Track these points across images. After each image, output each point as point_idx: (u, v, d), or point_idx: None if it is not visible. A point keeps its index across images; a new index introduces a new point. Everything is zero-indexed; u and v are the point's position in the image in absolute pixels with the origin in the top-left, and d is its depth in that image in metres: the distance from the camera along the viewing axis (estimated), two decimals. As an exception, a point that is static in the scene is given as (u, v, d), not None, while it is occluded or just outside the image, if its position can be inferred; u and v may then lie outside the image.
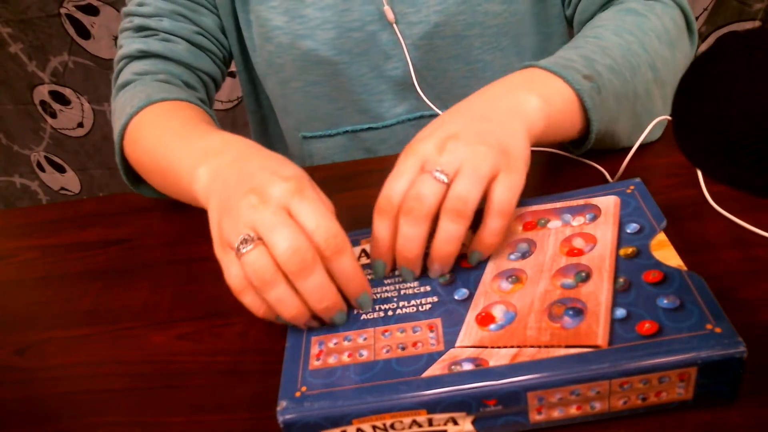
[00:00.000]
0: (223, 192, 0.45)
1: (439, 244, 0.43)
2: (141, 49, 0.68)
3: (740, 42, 0.28)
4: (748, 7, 1.21)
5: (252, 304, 0.42)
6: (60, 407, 0.47)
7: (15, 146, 1.59)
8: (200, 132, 0.55)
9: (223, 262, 0.43)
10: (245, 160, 0.47)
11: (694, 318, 0.37)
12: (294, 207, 0.41)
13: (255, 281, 0.40)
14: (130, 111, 0.62)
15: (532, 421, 0.37)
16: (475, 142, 0.45)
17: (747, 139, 0.27)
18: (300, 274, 0.40)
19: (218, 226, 0.44)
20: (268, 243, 0.40)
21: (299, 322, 0.42)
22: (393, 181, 0.45)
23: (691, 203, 0.52)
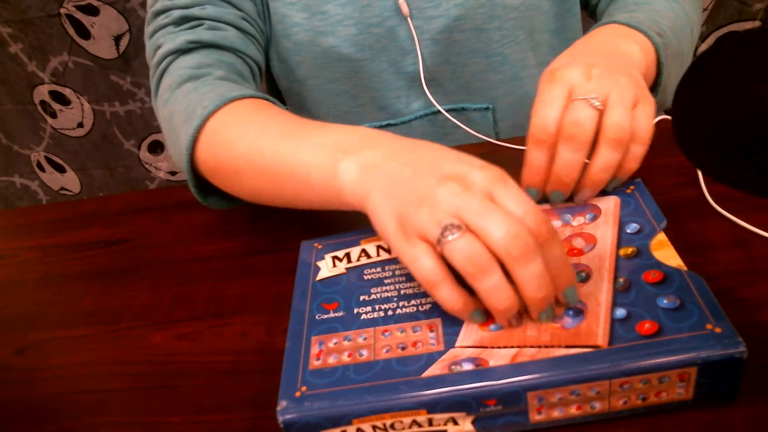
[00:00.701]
0: (396, 184, 0.42)
1: (597, 171, 0.46)
2: (190, 40, 0.62)
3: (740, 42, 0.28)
4: (748, 7, 1.21)
5: (448, 297, 0.39)
6: (60, 407, 0.47)
7: (15, 146, 1.59)
8: (316, 127, 0.50)
9: (409, 256, 0.40)
10: (409, 151, 0.44)
11: (694, 318, 0.37)
12: (498, 194, 0.39)
13: (469, 268, 0.37)
14: (203, 112, 0.55)
15: (532, 421, 0.37)
16: (616, 73, 0.47)
17: (747, 139, 0.27)
18: (521, 260, 0.37)
19: (398, 218, 0.40)
20: (480, 229, 0.37)
21: (505, 317, 0.39)
22: (544, 109, 0.46)
23: (691, 203, 0.52)
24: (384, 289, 0.45)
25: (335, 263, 0.48)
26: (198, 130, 0.55)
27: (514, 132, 0.77)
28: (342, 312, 0.43)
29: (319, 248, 0.50)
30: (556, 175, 0.47)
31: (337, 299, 0.45)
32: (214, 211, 0.64)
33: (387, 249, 0.48)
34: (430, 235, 0.39)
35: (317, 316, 0.44)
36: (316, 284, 0.46)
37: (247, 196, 0.56)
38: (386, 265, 0.47)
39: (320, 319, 0.43)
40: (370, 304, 0.44)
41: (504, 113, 0.76)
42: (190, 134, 0.55)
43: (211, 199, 0.59)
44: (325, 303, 0.45)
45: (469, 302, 0.39)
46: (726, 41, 0.28)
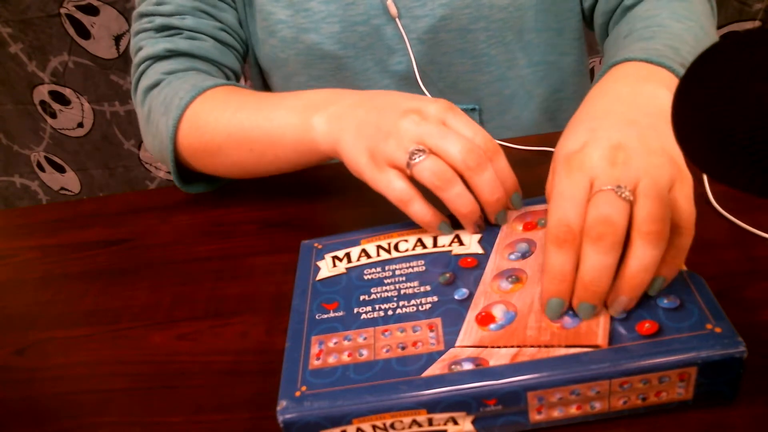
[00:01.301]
0: (363, 125, 0.49)
1: (634, 273, 0.37)
2: (168, 49, 0.67)
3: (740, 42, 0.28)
4: (748, 7, 1.21)
5: (419, 211, 0.46)
6: (60, 407, 0.47)
7: (15, 146, 1.59)
8: (286, 96, 0.57)
9: (382, 182, 0.47)
10: (370, 99, 0.51)
11: (694, 318, 0.37)
12: (450, 120, 0.47)
13: (436, 182, 0.45)
14: (181, 102, 0.61)
15: (532, 420, 0.37)
16: (645, 152, 0.39)
17: (747, 139, 0.27)
18: (477, 170, 0.45)
19: (369, 152, 0.47)
20: (440, 149, 0.45)
21: (471, 219, 0.46)
22: (564, 204, 0.39)
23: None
24: (384, 289, 0.45)
25: (335, 263, 0.48)
26: (178, 119, 0.60)
27: (500, 132, 0.76)
28: (342, 312, 0.43)
29: (319, 248, 0.50)
30: (584, 285, 0.38)
31: (337, 299, 0.45)
32: (213, 212, 0.65)
33: (387, 249, 0.48)
34: (399, 161, 0.46)
35: (317, 316, 0.44)
36: (316, 284, 0.46)
37: (231, 171, 0.62)
38: (386, 265, 0.47)
39: (320, 319, 0.43)
40: (370, 304, 0.44)
41: (490, 114, 0.76)
42: (171, 124, 0.60)
43: (193, 186, 0.66)
44: (325, 303, 0.45)
45: (437, 215, 0.47)
46: (726, 41, 0.28)
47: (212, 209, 0.65)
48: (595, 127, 0.43)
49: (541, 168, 0.61)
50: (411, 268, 0.46)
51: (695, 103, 0.30)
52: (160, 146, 0.63)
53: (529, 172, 0.61)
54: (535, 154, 0.63)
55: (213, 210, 0.65)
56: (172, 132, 0.61)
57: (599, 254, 0.37)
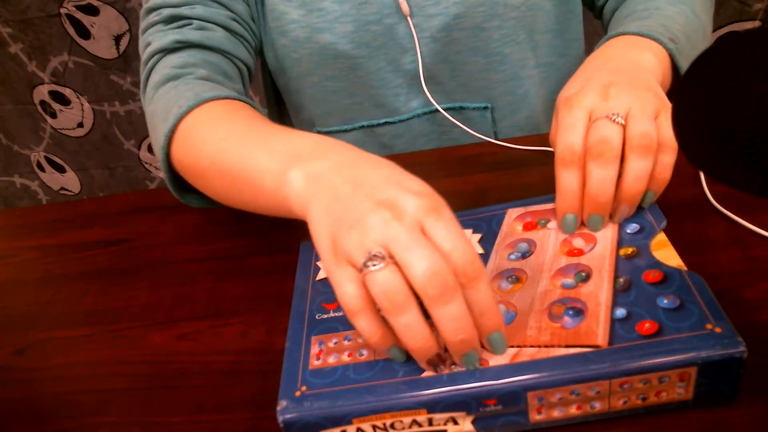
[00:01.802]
0: (335, 200, 0.40)
1: (630, 183, 0.45)
2: (177, 40, 0.63)
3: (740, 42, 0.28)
4: (748, 7, 1.21)
5: (366, 329, 0.37)
6: (60, 407, 0.47)
7: (15, 146, 1.59)
8: (276, 133, 0.50)
9: (336, 278, 0.38)
10: (355, 166, 0.42)
11: (694, 318, 0.37)
12: (429, 226, 0.37)
13: (384, 302, 0.36)
14: (178, 111, 0.56)
15: (532, 420, 0.37)
16: (633, 87, 0.47)
17: (747, 139, 0.27)
18: (439, 300, 0.35)
19: (332, 237, 0.39)
20: (402, 263, 0.36)
21: (422, 356, 0.37)
22: (567, 133, 0.46)
23: (691, 203, 0.52)
24: (384, 289, 0.45)
25: (335, 263, 0.48)
26: (172, 130, 0.56)
27: (512, 132, 0.77)
28: (342, 312, 0.43)
29: (319, 248, 0.50)
30: (591, 198, 0.45)
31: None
32: (213, 212, 0.65)
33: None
34: (355, 261, 0.37)
35: (317, 316, 0.44)
36: (316, 284, 0.46)
37: (215, 198, 0.56)
38: (386, 265, 0.47)
39: (320, 319, 0.43)
40: (370, 304, 0.44)
41: (502, 113, 0.76)
42: (165, 134, 0.56)
43: (188, 197, 0.61)
44: (325, 303, 0.45)
45: (387, 336, 0.38)
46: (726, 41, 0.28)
47: (212, 209, 0.65)
48: (589, 77, 0.50)
49: (541, 168, 0.61)
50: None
51: (695, 103, 0.30)
52: (157, 153, 0.59)
53: (529, 172, 0.61)
54: (535, 154, 0.63)
55: (213, 210, 0.65)
56: (165, 142, 0.57)
57: (601, 168, 0.44)
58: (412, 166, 0.41)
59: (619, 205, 0.46)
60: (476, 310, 0.37)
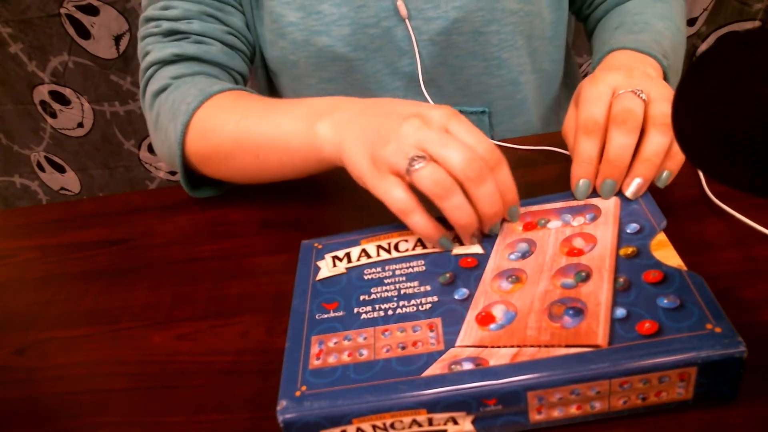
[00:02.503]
0: (365, 131, 0.48)
1: (649, 154, 0.47)
2: (175, 53, 0.66)
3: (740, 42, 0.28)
4: (748, 7, 1.21)
5: (420, 222, 0.45)
6: (60, 407, 0.47)
7: (15, 146, 1.59)
8: (291, 103, 0.56)
9: (381, 188, 0.45)
10: (374, 106, 0.50)
11: (694, 318, 0.37)
12: (453, 128, 0.46)
13: (436, 190, 0.43)
14: (188, 108, 0.60)
15: (532, 420, 0.37)
16: (649, 78, 0.51)
17: (747, 139, 0.27)
18: (477, 181, 0.43)
19: (370, 157, 0.46)
20: (441, 157, 0.44)
21: (468, 231, 0.45)
22: (591, 104, 0.49)
23: (691, 203, 0.52)
24: (384, 289, 0.45)
25: (335, 263, 0.48)
26: (185, 124, 0.60)
27: (509, 136, 0.77)
28: (342, 312, 0.43)
29: (319, 248, 0.50)
30: (609, 162, 0.48)
31: (337, 299, 0.45)
32: (213, 212, 0.65)
33: (387, 249, 0.48)
34: (399, 166, 0.44)
35: (317, 315, 0.44)
36: (316, 284, 0.46)
37: (239, 177, 0.61)
38: (386, 265, 0.47)
39: (320, 319, 0.43)
40: (370, 303, 0.44)
41: (500, 117, 0.76)
42: (179, 129, 0.60)
43: (200, 191, 0.65)
44: (325, 303, 0.45)
45: (438, 228, 0.45)
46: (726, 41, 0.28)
47: (212, 209, 0.65)
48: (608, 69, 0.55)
49: (541, 168, 0.61)
50: (411, 268, 0.46)
51: (695, 103, 0.30)
52: (169, 151, 0.63)
53: (529, 172, 0.61)
54: (536, 154, 0.63)
55: (213, 210, 0.65)
56: (180, 137, 0.60)
57: (623, 135, 0.47)
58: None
59: (634, 178, 0.47)
60: (502, 188, 0.45)
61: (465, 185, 0.44)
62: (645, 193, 0.48)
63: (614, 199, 0.48)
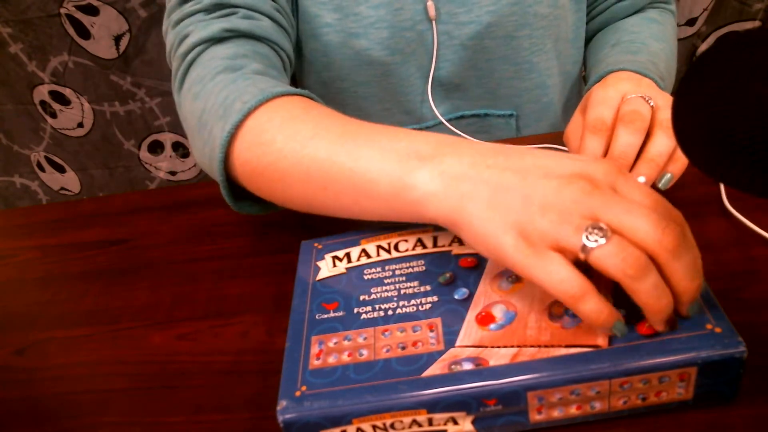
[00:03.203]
0: (500, 193, 0.38)
1: (653, 154, 0.48)
2: (226, 29, 0.57)
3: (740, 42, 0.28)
4: (748, 7, 1.21)
5: (595, 309, 0.36)
6: (60, 407, 0.47)
7: (15, 146, 1.59)
8: (378, 131, 0.46)
9: (542, 270, 0.36)
10: (497, 156, 0.40)
11: (694, 318, 0.37)
12: (622, 187, 0.37)
13: (630, 271, 0.34)
14: (243, 107, 0.49)
15: (532, 420, 0.37)
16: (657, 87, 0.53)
17: (747, 139, 0.27)
18: (676, 252, 0.34)
19: (518, 229, 0.36)
20: (625, 228, 0.35)
21: (662, 317, 0.36)
22: (600, 106, 0.51)
23: (691, 203, 0.52)
24: (384, 289, 0.45)
25: (335, 263, 0.48)
26: (236, 126, 0.49)
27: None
28: (342, 312, 0.43)
29: (319, 248, 0.50)
30: (613, 159, 0.48)
31: (337, 299, 0.45)
32: (214, 212, 0.64)
33: (387, 249, 0.48)
34: (568, 243, 0.35)
35: (317, 316, 0.44)
36: (316, 284, 0.46)
37: (293, 204, 0.50)
38: (386, 265, 0.47)
39: (320, 319, 0.43)
40: (370, 303, 0.44)
41: (527, 120, 0.76)
42: (227, 130, 0.49)
43: (242, 204, 0.54)
44: (325, 303, 0.45)
45: (613, 313, 0.36)
46: (726, 41, 0.28)
47: (212, 209, 0.65)
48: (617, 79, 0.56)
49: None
50: (411, 268, 0.46)
51: (695, 103, 0.30)
52: (210, 154, 0.52)
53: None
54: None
55: (213, 210, 0.65)
56: (226, 140, 0.49)
57: (629, 135, 0.48)
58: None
59: (637, 176, 0.48)
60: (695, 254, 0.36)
61: (662, 259, 0.35)
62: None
63: (614, 199, 0.48)
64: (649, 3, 0.74)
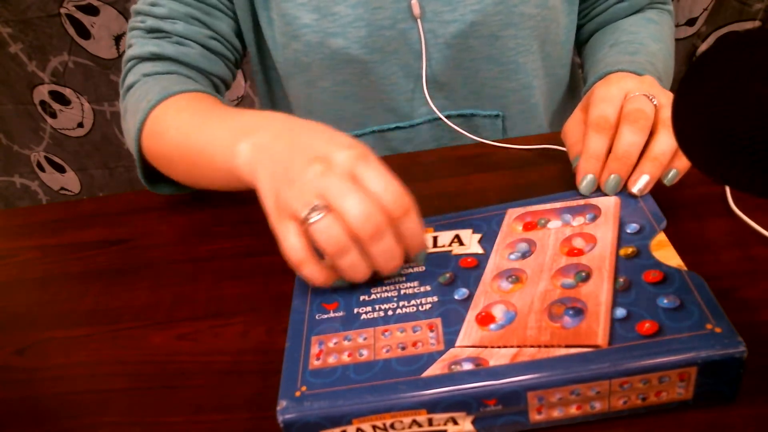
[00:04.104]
0: (277, 164, 0.45)
1: (659, 153, 0.48)
2: (153, 52, 0.67)
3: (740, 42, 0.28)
4: (748, 7, 1.21)
5: (311, 274, 0.43)
6: (60, 407, 0.47)
7: (15, 146, 1.59)
8: (232, 113, 0.55)
9: (281, 233, 0.43)
10: (293, 132, 0.47)
11: (694, 318, 0.37)
12: (360, 172, 0.42)
13: (329, 248, 0.41)
14: (147, 105, 0.61)
15: (532, 420, 0.37)
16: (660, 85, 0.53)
17: (747, 139, 0.27)
18: (373, 239, 0.41)
19: (276, 197, 0.44)
20: (339, 210, 0.41)
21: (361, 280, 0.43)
22: (604, 104, 0.51)
23: (691, 203, 0.52)
24: (384, 289, 0.45)
25: (335, 263, 0.48)
26: (142, 121, 0.60)
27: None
28: (342, 312, 0.43)
29: (319, 248, 0.50)
30: (617, 158, 0.48)
31: (337, 299, 0.45)
32: (213, 211, 0.65)
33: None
34: (297, 213, 0.42)
35: (317, 316, 0.44)
36: (316, 284, 0.46)
37: (184, 181, 0.61)
38: (386, 265, 0.47)
39: (320, 319, 0.43)
40: (370, 304, 0.44)
41: (513, 121, 0.76)
42: (137, 126, 0.61)
43: (159, 186, 0.66)
44: (325, 303, 0.45)
45: (330, 275, 0.44)
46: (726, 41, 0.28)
47: (212, 209, 0.65)
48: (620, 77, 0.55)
49: (541, 168, 0.61)
50: (411, 268, 0.46)
51: (695, 103, 0.30)
52: (130, 146, 0.64)
53: (529, 172, 0.61)
54: (535, 155, 0.63)
55: (213, 210, 0.65)
56: (137, 134, 0.61)
57: (633, 133, 0.48)
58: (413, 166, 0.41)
59: (642, 174, 0.48)
60: (407, 238, 0.43)
61: (360, 241, 0.41)
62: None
63: (614, 199, 0.48)
64: (647, 4, 0.74)
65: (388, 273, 0.43)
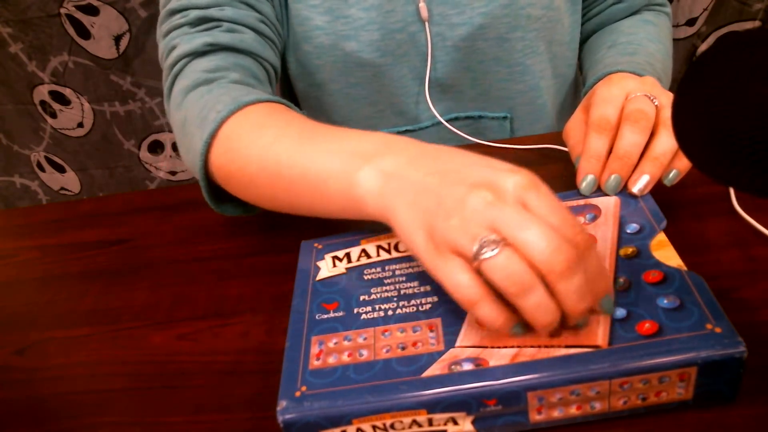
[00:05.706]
0: (421, 194, 0.39)
1: (660, 153, 0.48)
2: (208, 43, 0.60)
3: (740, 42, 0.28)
4: (748, 7, 1.21)
5: (489, 315, 0.37)
6: (60, 407, 0.47)
7: (15, 146, 1.59)
8: (333, 133, 0.48)
9: (443, 271, 0.37)
10: (428, 156, 0.42)
11: (694, 318, 0.37)
12: (531, 202, 0.36)
13: (511, 287, 0.35)
14: (217, 116, 0.53)
15: (532, 421, 0.37)
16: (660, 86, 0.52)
17: (747, 139, 0.27)
18: (565, 274, 0.35)
19: (427, 230, 0.38)
20: (518, 243, 0.35)
21: (548, 330, 0.37)
22: (604, 104, 0.50)
23: (691, 203, 0.52)
24: (384, 289, 0.45)
25: (335, 263, 0.48)
26: (212, 135, 0.53)
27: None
28: (342, 312, 0.43)
29: (319, 248, 0.50)
30: (618, 158, 0.48)
31: (337, 299, 0.45)
32: (213, 212, 0.64)
33: (387, 249, 0.48)
34: (464, 249, 0.36)
35: (317, 316, 0.44)
36: (316, 284, 0.46)
37: (264, 204, 0.54)
38: (386, 265, 0.47)
39: (320, 319, 0.43)
40: (370, 304, 0.44)
41: (521, 122, 0.76)
42: (204, 139, 0.53)
43: (225, 207, 0.57)
44: (325, 303, 0.45)
45: (510, 318, 0.37)
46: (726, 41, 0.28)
47: (212, 209, 0.65)
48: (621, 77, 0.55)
49: (542, 168, 0.61)
50: (411, 268, 0.46)
51: (695, 103, 0.30)
52: (193, 161, 0.55)
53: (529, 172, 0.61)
54: (538, 155, 0.63)
55: (213, 210, 0.65)
56: (204, 149, 0.53)
57: (634, 133, 0.48)
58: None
59: (642, 174, 0.48)
60: (591, 278, 0.36)
61: (549, 279, 0.35)
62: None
63: (614, 199, 0.48)
64: (645, 5, 0.75)
65: (576, 317, 0.37)
